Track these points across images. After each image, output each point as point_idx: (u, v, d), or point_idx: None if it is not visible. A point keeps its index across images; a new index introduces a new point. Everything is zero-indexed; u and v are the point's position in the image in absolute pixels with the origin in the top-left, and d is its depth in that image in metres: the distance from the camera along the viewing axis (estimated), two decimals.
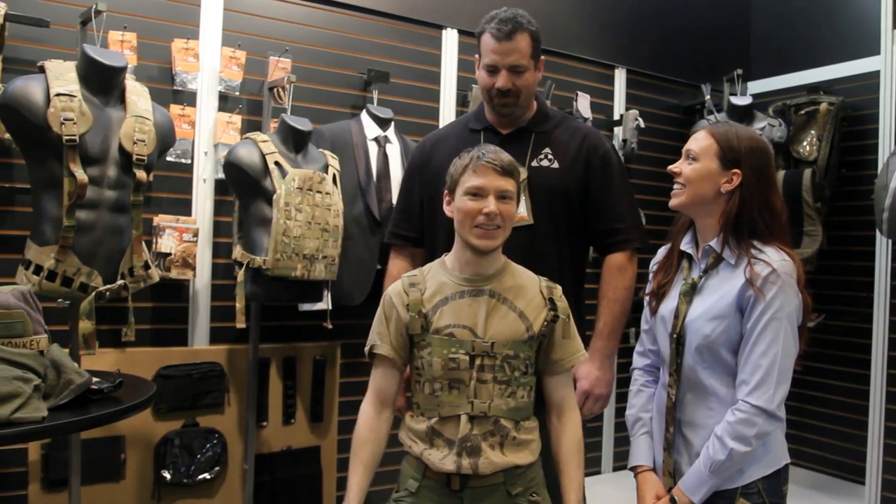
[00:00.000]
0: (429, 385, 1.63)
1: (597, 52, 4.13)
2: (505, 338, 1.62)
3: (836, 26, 4.24)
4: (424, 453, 1.63)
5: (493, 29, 1.98)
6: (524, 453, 1.64)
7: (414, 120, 3.48)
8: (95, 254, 2.21)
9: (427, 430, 1.63)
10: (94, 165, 2.18)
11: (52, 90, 2.11)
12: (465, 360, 1.60)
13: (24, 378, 1.60)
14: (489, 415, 1.60)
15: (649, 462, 1.85)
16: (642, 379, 1.96)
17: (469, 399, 1.60)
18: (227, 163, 2.66)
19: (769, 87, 4.57)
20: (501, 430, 1.61)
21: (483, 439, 1.60)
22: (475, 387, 1.60)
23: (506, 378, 1.61)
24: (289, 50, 3.09)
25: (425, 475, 1.64)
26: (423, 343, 1.64)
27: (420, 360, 1.65)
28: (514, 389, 1.63)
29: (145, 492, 2.80)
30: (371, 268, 3.08)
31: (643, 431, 1.89)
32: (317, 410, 3.18)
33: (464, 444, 1.59)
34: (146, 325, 2.87)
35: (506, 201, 1.62)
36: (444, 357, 1.60)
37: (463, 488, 1.60)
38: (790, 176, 4.01)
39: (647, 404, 1.92)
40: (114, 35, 2.70)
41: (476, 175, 1.61)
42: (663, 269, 1.89)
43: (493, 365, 1.61)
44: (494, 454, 1.60)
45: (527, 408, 1.67)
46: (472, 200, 1.61)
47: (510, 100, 2.03)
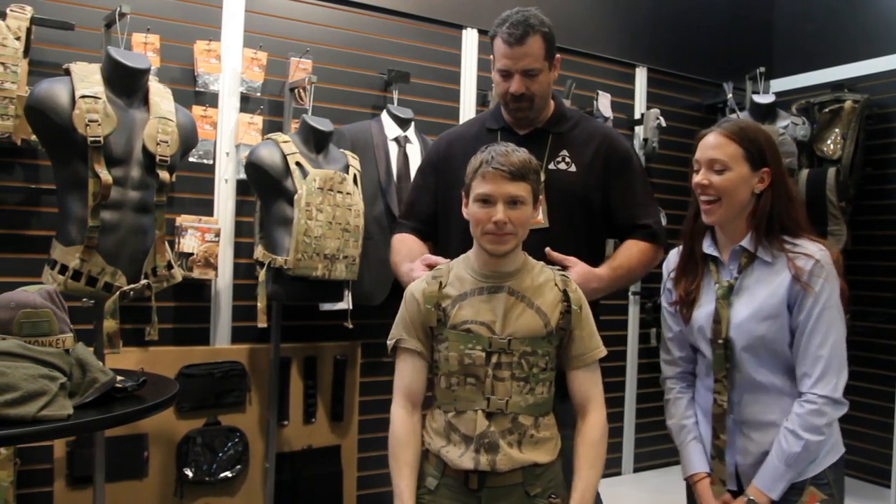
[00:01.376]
0: (445, 379, 1.63)
1: (617, 51, 4.11)
2: (523, 334, 1.60)
3: (861, 23, 4.18)
4: (443, 450, 1.63)
5: (504, 33, 1.94)
6: (543, 451, 1.63)
7: (434, 120, 3.48)
8: (119, 254, 2.23)
9: (444, 426, 1.63)
10: (119, 166, 2.20)
11: (78, 92, 2.13)
12: (482, 357, 1.59)
13: (51, 376, 1.62)
14: (507, 412, 1.59)
15: (705, 468, 1.82)
16: (677, 387, 1.93)
17: (485, 395, 1.59)
18: (249, 163, 2.67)
19: (792, 85, 4.52)
20: (520, 427, 1.60)
21: (501, 437, 1.58)
22: (492, 383, 1.59)
23: (524, 374, 1.60)
24: (309, 51, 3.11)
25: (444, 473, 1.63)
26: (441, 337, 1.64)
27: (437, 355, 1.65)
28: (533, 386, 1.61)
29: (168, 489, 2.82)
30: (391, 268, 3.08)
31: (692, 437, 1.86)
32: (337, 410, 3.19)
33: (482, 440, 1.58)
34: (169, 325, 2.90)
35: (516, 207, 1.58)
36: (460, 352, 1.60)
37: (481, 487, 1.59)
38: (814, 175, 3.96)
39: (688, 410, 1.89)
40: (137, 37, 2.72)
41: (485, 182, 1.58)
42: (685, 274, 1.85)
43: (510, 362, 1.59)
44: (513, 451, 1.58)
45: (546, 403, 1.65)
46: (481, 207, 1.59)
47: (524, 104, 2.00)
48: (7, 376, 1.55)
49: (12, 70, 2.36)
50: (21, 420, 1.53)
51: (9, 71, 2.36)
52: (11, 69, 2.36)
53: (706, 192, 1.74)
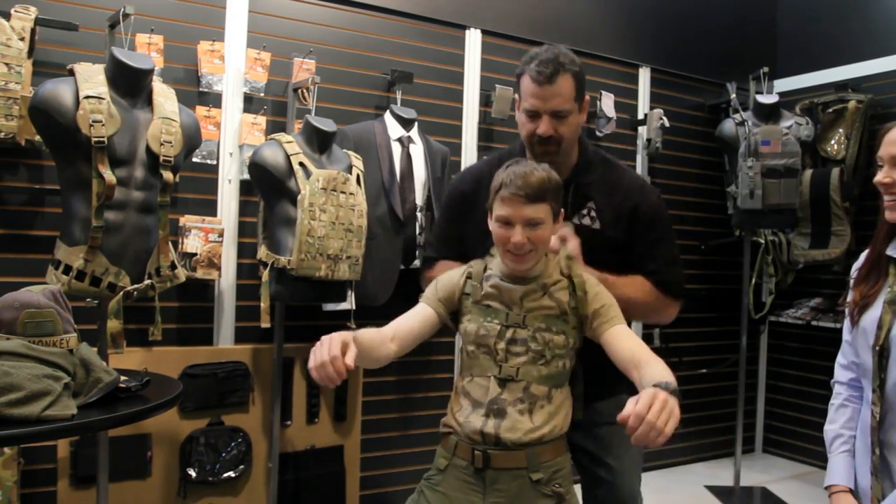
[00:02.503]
0: (465, 350, 1.72)
1: (621, 51, 4.10)
2: (537, 312, 1.66)
3: (865, 23, 4.18)
4: (455, 413, 1.70)
5: (532, 71, 1.82)
6: (552, 422, 1.64)
7: (437, 120, 3.49)
8: (123, 254, 2.23)
9: (461, 391, 1.71)
10: (122, 167, 2.21)
11: (82, 93, 2.14)
12: (496, 329, 1.65)
13: (55, 376, 1.63)
14: (517, 379, 1.63)
15: (848, 482, 1.72)
16: (846, 393, 1.83)
17: (498, 363, 1.65)
18: (252, 163, 2.68)
19: (796, 85, 4.52)
20: (531, 397, 1.63)
21: (511, 405, 1.62)
22: (505, 354, 1.64)
23: (539, 348, 1.64)
24: (313, 51, 3.11)
25: (454, 454, 1.68)
26: (465, 310, 1.72)
27: (461, 326, 1.73)
28: (549, 359, 1.65)
29: (171, 489, 2.83)
30: (395, 268, 3.08)
31: (843, 449, 1.76)
32: (340, 410, 3.19)
33: (491, 406, 1.63)
34: (172, 325, 2.90)
35: (535, 228, 1.60)
36: (479, 324, 1.68)
37: (486, 467, 1.62)
38: (818, 175, 3.96)
39: (850, 421, 1.78)
40: (141, 38, 2.73)
41: (504, 204, 1.60)
42: (866, 277, 1.76)
43: (525, 338, 1.64)
44: (522, 418, 1.62)
45: (560, 376, 1.68)
46: (501, 227, 1.63)
47: (552, 147, 1.86)
48: (11, 376, 1.55)
49: (16, 70, 2.37)
50: (25, 420, 1.53)
51: (13, 71, 2.36)
52: (15, 70, 2.37)
53: (889, 190, 1.65)
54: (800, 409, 4.48)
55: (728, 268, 4.48)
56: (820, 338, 4.29)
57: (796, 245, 4.10)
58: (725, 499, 3.85)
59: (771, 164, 3.62)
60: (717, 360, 4.50)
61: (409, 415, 3.47)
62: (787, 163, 3.62)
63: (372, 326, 3.15)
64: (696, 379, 4.41)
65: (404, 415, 3.46)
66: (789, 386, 4.56)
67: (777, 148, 3.63)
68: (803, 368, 4.46)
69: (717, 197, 4.42)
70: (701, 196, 4.42)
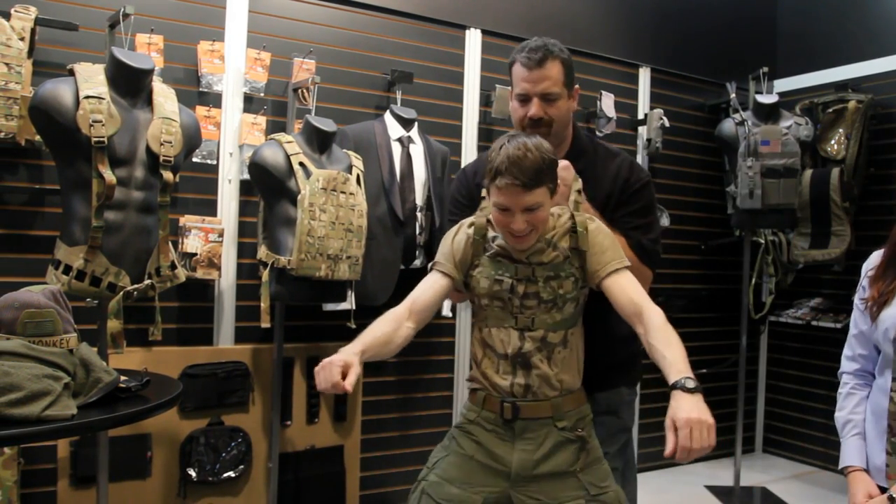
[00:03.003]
0: (479, 300, 1.76)
1: (621, 52, 4.10)
2: (545, 264, 1.70)
3: (865, 23, 4.18)
4: (483, 365, 1.75)
5: (523, 58, 1.91)
6: (571, 372, 1.73)
7: (437, 120, 3.49)
8: (123, 254, 2.23)
9: (481, 342, 1.77)
10: (122, 167, 2.21)
11: (82, 93, 2.14)
12: (509, 283, 1.70)
13: (55, 376, 1.63)
14: (534, 328, 1.70)
15: (862, 463, 1.85)
16: (852, 382, 1.96)
17: (513, 314, 1.71)
18: (252, 163, 2.68)
19: (796, 85, 4.52)
20: (548, 345, 1.70)
21: (533, 354, 1.69)
22: (519, 306, 1.70)
23: (551, 297, 1.70)
24: (313, 51, 3.11)
25: (483, 407, 1.75)
26: (476, 263, 1.76)
27: (472, 280, 1.76)
28: (561, 305, 1.71)
29: (171, 489, 2.83)
30: (395, 267, 3.09)
31: (854, 433, 1.89)
32: (340, 410, 3.19)
33: (516, 359, 1.70)
34: (172, 325, 2.90)
35: (534, 212, 1.63)
36: (490, 277, 1.72)
37: (515, 418, 1.70)
38: (818, 175, 3.96)
39: (858, 406, 1.92)
40: (141, 38, 2.73)
41: (500, 193, 1.62)
42: (884, 275, 1.85)
43: (536, 290, 1.70)
44: (545, 367, 1.69)
45: (574, 317, 1.74)
46: (500, 213, 1.65)
47: (542, 129, 1.91)
48: (11, 376, 1.55)
49: (16, 70, 2.37)
50: (25, 420, 1.53)
51: (13, 71, 2.36)
52: (16, 70, 2.37)
53: None
54: (800, 409, 4.48)
55: (728, 268, 4.48)
56: (820, 338, 4.29)
57: (796, 245, 4.11)
58: (725, 499, 3.85)
59: (770, 164, 3.62)
60: (717, 360, 4.50)
61: (409, 415, 3.47)
62: (787, 163, 3.63)
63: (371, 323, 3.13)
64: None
65: (404, 415, 3.46)
66: (789, 386, 4.56)
67: (777, 148, 3.63)
68: (803, 368, 4.46)
69: (716, 197, 4.42)
70: (701, 196, 4.43)
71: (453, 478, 1.74)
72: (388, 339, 1.69)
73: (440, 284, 1.77)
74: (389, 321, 1.71)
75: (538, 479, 1.70)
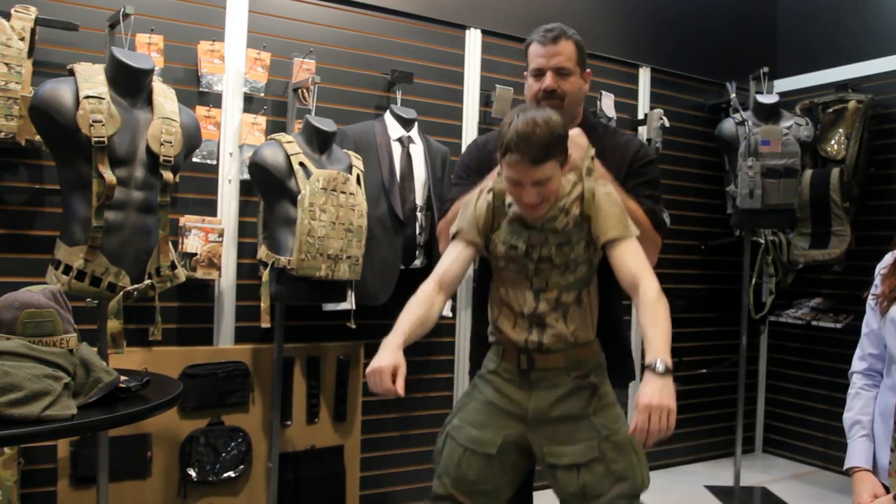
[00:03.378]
0: (495, 262, 1.84)
1: (621, 52, 4.10)
2: (559, 231, 1.76)
3: (865, 23, 4.18)
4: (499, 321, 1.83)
5: (538, 36, 2.04)
6: (585, 326, 1.81)
7: (437, 120, 3.49)
8: (123, 254, 2.23)
9: (498, 299, 1.85)
10: (122, 167, 2.21)
11: (82, 93, 2.13)
12: (523, 248, 1.78)
13: (55, 376, 1.63)
14: (549, 289, 1.78)
15: (867, 464, 1.84)
16: (861, 382, 1.95)
17: (529, 277, 1.79)
18: (252, 163, 2.68)
19: (796, 85, 4.52)
20: (563, 305, 1.78)
21: (548, 314, 1.78)
22: (534, 269, 1.78)
23: (563, 260, 1.77)
24: (313, 51, 3.11)
25: (502, 359, 1.85)
26: (496, 227, 1.83)
27: (491, 244, 1.84)
28: (574, 268, 1.78)
29: (171, 489, 2.83)
30: (395, 268, 3.08)
31: (861, 434, 1.89)
32: (340, 410, 3.19)
33: (532, 318, 1.79)
34: (172, 325, 2.90)
35: (545, 185, 1.69)
36: (507, 243, 1.80)
37: (531, 369, 1.80)
38: (818, 175, 3.96)
39: (866, 407, 1.91)
40: (141, 38, 2.73)
41: (511, 168, 1.68)
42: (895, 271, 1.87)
43: (550, 254, 1.77)
44: (559, 327, 1.78)
45: (586, 277, 1.81)
46: (512, 185, 1.72)
47: (556, 102, 1.98)
48: (11, 376, 1.55)
49: (16, 70, 2.37)
50: (25, 420, 1.53)
51: (13, 71, 2.36)
52: (16, 70, 2.37)
53: None
54: (800, 409, 4.48)
55: (728, 268, 4.48)
56: (820, 338, 4.29)
57: (796, 245, 4.11)
58: (725, 499, 3.85)
59: (771, 164, 3.62)
60: (717, 360, 4.50)
61: (409, 415, 3.47)
62: (787, 163, 3.63)
63: (372, 326, 3.17)
64: (696, 379, 4.42)
65: (404, 415, 3.46)
66: (789, 386, 4.56)
67: (777, 148, 3.63)
68: (803, 368, 4.46)
69: (716, 197, 4.42)
70: (701, 196, 4.43)
71: (475, 421, 1.85)
72: (424, 319, 1.77)
73: (465, 254, 1.84)
74: (422, 302, 1.78)
75: (552, 421, 1.80)
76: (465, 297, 3.58)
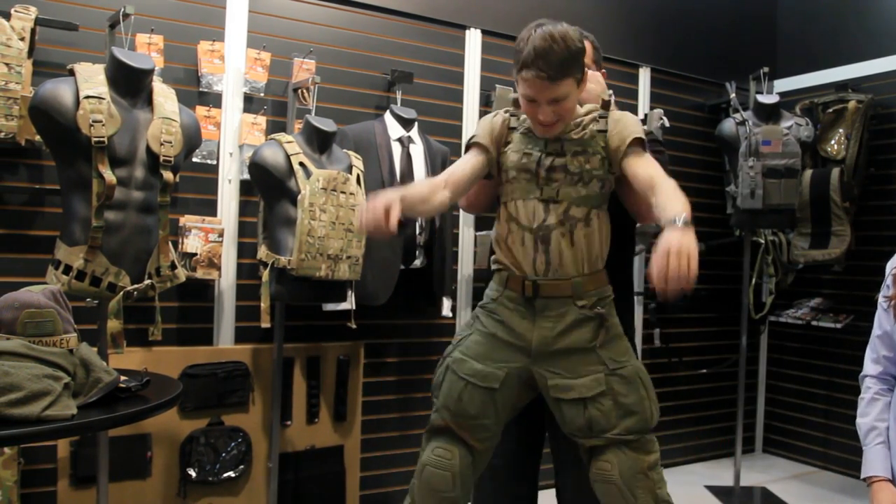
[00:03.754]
0: (506, 175, 1.82)
1: (621, 51, 4.10)
2: (574, 140, 1.77)
3: (865, 23, 4.18)
4: (508, 239, 1.79)
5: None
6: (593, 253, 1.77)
7: (437, 120, 3.49)
8: (123, 254, 2.23)
9: (506, 216, 1.81)
10: (122, 167, 2.20)
11: (82, 93, 2.13)
12: (537, 155, 1.76)
13: (55, 376, 1.63)
14: (558, 199, 1.74)
15: (886, 473, 1.81)
16: (876, 387, 1.90)
17: (540, 185, 1.76)
18: (252, 163, 2.68)
19: (796, 85, 4.52)
20: (570, 219, 1.74)
21: (555, 229, 1.74)
22: (546, 177, 1.76)
23: (577, 169, 1.75)
24: (313, 51, 3.11)
25: (506, 287, 1.80)
26: (508, 140, 1.83)
27: (503, 157, 1.83)
28: (587, 181, 1.76)
29: (171, 489, 2.83)
30: (395, 268, 3.08)
31: (878, 441, 1.85)
32: (340, 410, 3.19)
33: (538, 234, 1.75)
34: (172, 325, 2.90)
35: (559, 103, 1.69)
36: (520, 151, 1.79)
37: (536, 296, 1.76)
38: (818, 175, 3.96)
39: (882, 413, 1.86)
40: (141, 38, 2.73)
41: (527, 85, 1.68)
42: None
43: (564, 164, 1.75)
44: (564, 243, 1.74)
45: (598, 197, 1.78)
46: (528, 104, 1.72)
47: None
48: (11, 376, 1.55)
49: (16, 70, 2.37)
50: (25, 420, 1.53)
51: (13, 71, 2.36)
52: (16, 70, 2.37)
53: None
54: (800, 409, 4.48)
55: (728, 268, 4.48)
56: (820, 338, 4.29)
57: (796, 245, 4.11)
58: (725, 499, 3.85)
59: (772, 164, 3.62)
60: (717, 360, 4.50)
61: (409, 415, 3.47)
62: (788, 163, 3.63)
63: (372, 326, 3.18)
64: (696, 379, 4.42)
65: (404, 415, 3.46)
66: (789, 386, 4.56)
67: (778, 148, 3.63)
68: (803, 368, 4.46)
69: (717, 197, 4.42)
70: (701, 196, 4.42)
71: (477, 354, 1.81)
72: (426, 198, 1.73)
73: (476, 160, 1.82)
74: (426, 184, 1.79)
75: (557, 354, 1.76)
76: (465, 297, 3.58)
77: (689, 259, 1.41)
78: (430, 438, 1.88)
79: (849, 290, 4.13)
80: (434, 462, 1.83)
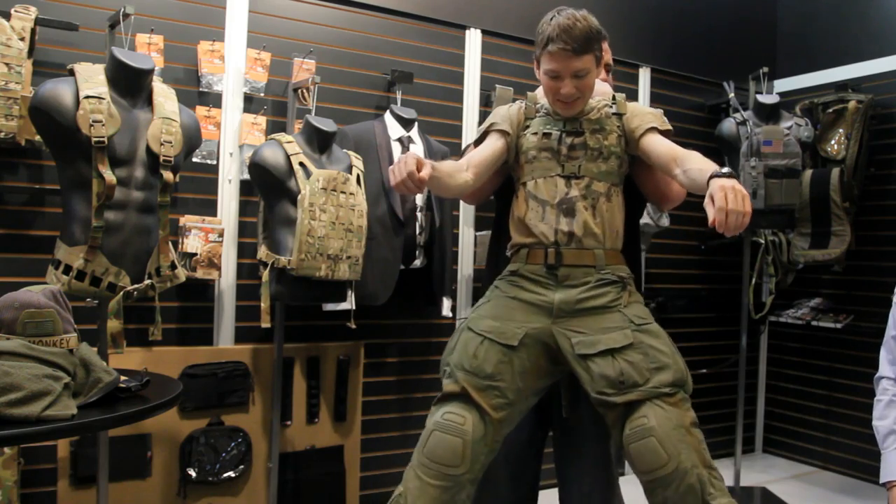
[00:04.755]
0: (525, 156, 1.88)
1: (621, 52, 4.09)
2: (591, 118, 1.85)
3: (865, 23, 4.18)
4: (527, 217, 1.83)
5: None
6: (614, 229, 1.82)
7: (437, 120, 3.49)
8: (123, 254, 2.23)
9: (526, 195, 1.85)
10: (122, 167, 2.21)
11: (82, 93, 2.13)
12: (558, 134, 1.84)
13: (55, 376, 1.63)
14: (580, 175, 1.81)
15: None
16: (894, 389, 1.86)
17: (561, 162, 1.83)
18: (253, 164, 2.68)
19: (796, 85, 4.52)
20: (593, 193, 1.81)
21: (578, 201, 1.79)
22: (566, 154, 1.83)
23: (597, 146, 1.83)
24: (313, 51, 3.11)
25: (527, 261, 1.83)
26: (527, 124, 1.91)
27: (522, 139, 1.89)
28: (606, 157, 1.83)
29: (171, 489, 2.83)
30: (395, 268, 3.08)
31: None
32: (340, 410, 3.19)
33: (561, 205, 1.80)
34: (172, 325, 2.90)
35: (582, 79, 1.78)
36: (540, 132, 1.86)
37: (558, 265, 1.78)
38: (818, 175, 3.96)
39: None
40: (141, 38, 2.73)
41: (552, 59, 1.76)
42: None
43: (583, 141, 1.83)
44: (587, 214, 1.79)
45: (616, 174, 1.86)
46: (550, 80, 1.80)
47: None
48: (11, 376, 1.55)
49: (16, 70, 2.37)
50: (25, 420, 1.53)
51: (13, 71, 2.36)
52: (16, 70, 2.37)
53: None
54: (800, 409, 4.48)
55: (728, 268, 4.48)
56: (820, 338, 4.29)
57: (796, 245, 4.10)
58: None
59: (773, 165, 3.62)
60: (717, 360, 4.50)
61: (409, 415, 3.47)
62: (789, 163, 3.63)
63: (372, 326, 3.18)
64: (696, 379, 4.38)
65: (404, 415, 3.46)
66: (789, 386, 4.56)
67: (779, 148, 3.63)
68: (803, 368, 4.46)
69: None
70: (701, 196, 4.41)
71: (496, 314, 1.80)
72: (451, 174, 1.75)
73: (497, 144, 1.88)
74: (450, 164, 1.81)
75: (580, 313, 1.76)
76: (465, 297, 3.58)
77: (745, 198, 1.49)
78: (440, 405, 1.74)
79: (849, 290, 4.13)
80: (443, 426, 1.67)
